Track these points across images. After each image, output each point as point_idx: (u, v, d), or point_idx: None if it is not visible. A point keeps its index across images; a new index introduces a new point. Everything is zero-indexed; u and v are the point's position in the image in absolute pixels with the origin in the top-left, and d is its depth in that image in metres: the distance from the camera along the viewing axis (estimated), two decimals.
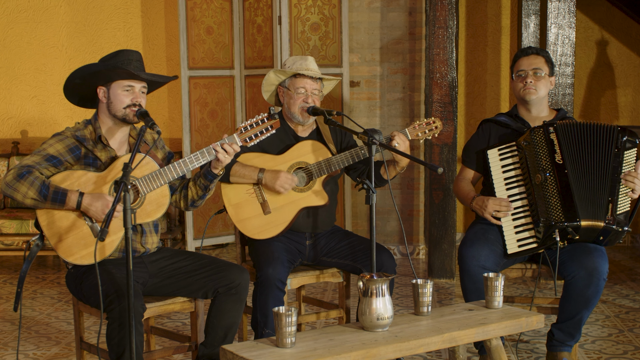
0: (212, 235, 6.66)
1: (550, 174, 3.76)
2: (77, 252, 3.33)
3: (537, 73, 3.94)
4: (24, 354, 4.24)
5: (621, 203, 3.74)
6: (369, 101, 6.51)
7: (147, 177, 3.37)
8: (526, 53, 4.00)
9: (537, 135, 3.82)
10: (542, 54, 4.00)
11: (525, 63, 3.97)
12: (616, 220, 3.71)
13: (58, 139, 3.41)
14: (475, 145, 4.08)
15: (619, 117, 6.86)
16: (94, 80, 3.43)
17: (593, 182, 3.75)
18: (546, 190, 3.75)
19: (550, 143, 3.79)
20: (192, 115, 6.46)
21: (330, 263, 4.00)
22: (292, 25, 6.15)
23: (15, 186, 3.25)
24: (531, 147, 3.82)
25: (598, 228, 3.71)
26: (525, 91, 3.94)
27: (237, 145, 3.41)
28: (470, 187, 4.04)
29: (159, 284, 3.50)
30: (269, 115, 3.41)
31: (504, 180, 3.89)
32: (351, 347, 2.79)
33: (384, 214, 6.53)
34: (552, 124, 3.83)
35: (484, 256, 3.71)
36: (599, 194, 3.73)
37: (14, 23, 6.93)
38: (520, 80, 3.96)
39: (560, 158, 3.77)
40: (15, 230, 5.96)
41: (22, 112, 7.01)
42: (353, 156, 3.89)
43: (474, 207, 3.91)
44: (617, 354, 4.12)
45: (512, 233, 3.82)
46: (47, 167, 3.33)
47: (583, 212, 3.70)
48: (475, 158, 4.05)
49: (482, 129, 4.10)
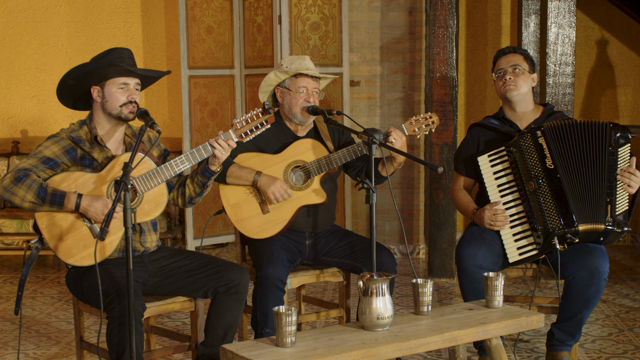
0: (212, 235, 6.66)
1: (542, 180, 3.72)
2: (77, 253, 3.33)
3: (515, 69, 3.92)
4: (24, 353, 4.24)
5: (619, 202, 3.72)
6: (369, 101, 6.51)
7: (144, 176, 3.36)
8: (504, 52, 4.00)
9: (525, 141, 3.78)
10: (520, 52, 3.99)
11: (504, 61, 3.96)
12: (616, 221, 3.70)
13: (53, 140, 3.40)
14: (465, 151, 4.05)
15: (619, 116, 6.86)
16: (87, 80, 3.41)
17: (589, 183, 3.72)
18: (540, 197, 3.72)
19: (540, 148, 3.75)
20: (192, 114, 6.46)
21: (331, 262, 4.00)
22: (292, 25, 6.15)
23: (13, 190, 3.25)
24: (520, 153, 3.79)
25: (598, 230, 3.70)
26: (506, 88, 3.91)
27: (233, 140, 3.41)
28: (468, 197, 4.00)
29: (159, 284, 3.50)
30: (264, 110, 3.42)
31: (497, 187, 3.86)
32: (351, 347, 2.79)
33: (384, 213, 6.53)
34: (540, 128, 3.79)
35: (480, 256, 3.71)
36: (597, 196, 3.71)
37: (14, 22, 6.93)
38: (499, 78, 3.95)
39: (551, 163, 3.73)
40: (16, 230, 5.96)
41: (22, 111, 7.01)
42: (351, 153, 3.89)
43: (475, 221, 3.91)
44: (617, 354, 4.12)
45: (511, 241, 3.80)
46: (43, 169, 3.32)
47: (580, 216, 3.68)
48: (464, 165, 4.03)
49: (471, 133, 4.07)
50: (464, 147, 4.07)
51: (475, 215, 3.89)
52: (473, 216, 3.91)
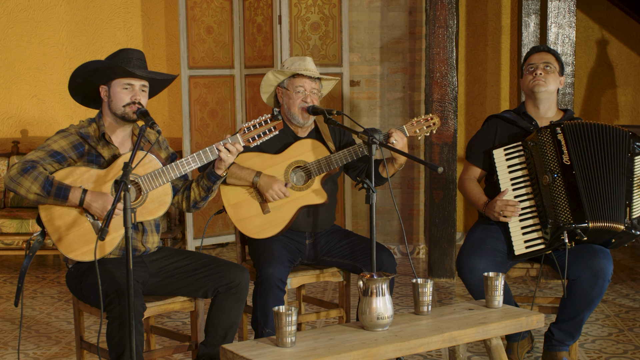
0: (212, 235, 6.66)
1: (557, 175, 3.74)
2: (78, 248, 3.34)
3: (547, 67, 3.94)
4: (24, 353, 4.24)
5: (635, 207, 3.75)
6: (369, 100, 6.51)
7: (150, 175, 3.37)
8: (538, 50, 4.02)
9: (544, 136, 3.80)
10: (553, 52, 4.02)
11: (536, 58, 3.98)
12: (632, 224, 3.72)
13: (62, 135, 3.44)
14: (480, 141, 4.04)
15: (619, 116, 6.86)
16: (95, 79, 3.44)
17: (606, 183, 3.74)
18: (554, 191, 3.74)
19: (558, 144, 3.78)
20: (192, 114, 6.46)
21: (331, 262, 4.00)
22: (292, 25, 6.15)
23: (19, 180, 3.27)
24: (538, 147, 3.80)
25: (616, 230, 3.70)
26: (535, 82, 3.92)
27: (240, 145, 3.41)
28: (479, 189, 4.00)
29: (159, 284, 3.50)
30: (272, 116, 3.42)
31: (510, 181, 3.87)
32: (351, 347, 2.79)
33: (384, 213, 6.53)
34: (559, 124, 3.81)
35: (482, 269, 3.69)
36: (616, 197, 3.72)
37: (14, 22, 6.93)
38: (530, 73, 3.96)
39: (568, 159, 3.75)
40: (16, 230, 5.96)
41: (22, 111, 7.01)
42: (352, 154, 3.89)
43: (487, 213, 3.91)
44: (617, 354, 4.12)
45: (519, 234, 3.81)
46: (50, 162, 3.35)
47: (592, 214, 3.69)
48: (482, 155, 4.02)
49: (488, 124, 4.07)
50: (479, 138, 4.07)
51: (487, 207, 3.89)
52: (485, 208, 3.90)
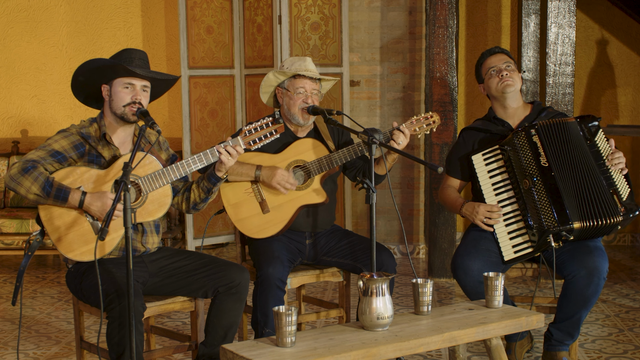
0: (212, 235, 6.66)
1: (537, 178, 3.73)
2: (78, 248, 3.34)
3: (509, 66, 3.94)
4: (24, 353, 4.24)
5: (621, 188, 3.74)
6: (369, 100, 6.51)
7: (150, 176, 3.37)
8: (493, 52, 4.00)
9: (519, 140, 3.78)
10: (507, 53, 4.01)
11: (495, 59, 3.96)
12: (627, 208, 3.71)
13: (63, 135, 3.43)
14: (457, 154, 4.03)
15: (619, 116, 6.86)
16: (97, 78, 3.44)
17: (584, 180, 3.72)
18: (535, 195, 3.72)
19: (534, 146, 3.75)
20: (192, 114, 6.46)
21: (331, 262, 4.00)
22: (292, 25, 6.15)
23: (19, 180, 3.27)
24: (515, 152, 3.78)
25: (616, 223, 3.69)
26: (504, 83, 3.89)
27: (241, 147, 3.40)
28: (456, 194, 3.99)
29: (159, 284, 3.50)
30: (274, 119, 3.41)
31: (492, 186, 3.86)
32: (351, 347, 2.79)
33: (384, 213, 6.54)
34: (534, 126, 3.79)
35: (476, 270, 3.69)
36: (599, 192, 3.70)
37: (13, 22, 6.93)
38: (495, 75, 3.94)
39: (546, 161, 3.73)
40: (15, 230, 5.96)
41: (22, 111, 7.01)
42: (352, 153, 3.89)
43: (464, 213, 3.88)
44: (617, 353, 4.12)
45: (506, 239, 3.80)
46: (51, 162, 3.35)
47: (580, 215, 3.69)
48: (459, 166, 4.01)
49: (463, 137, 4.05)
50: (456, 151, 4.05)
51: (464, 208, 3.87)
52: (461, 209, 3.89)
